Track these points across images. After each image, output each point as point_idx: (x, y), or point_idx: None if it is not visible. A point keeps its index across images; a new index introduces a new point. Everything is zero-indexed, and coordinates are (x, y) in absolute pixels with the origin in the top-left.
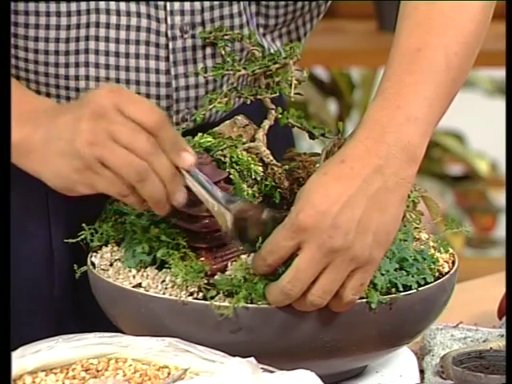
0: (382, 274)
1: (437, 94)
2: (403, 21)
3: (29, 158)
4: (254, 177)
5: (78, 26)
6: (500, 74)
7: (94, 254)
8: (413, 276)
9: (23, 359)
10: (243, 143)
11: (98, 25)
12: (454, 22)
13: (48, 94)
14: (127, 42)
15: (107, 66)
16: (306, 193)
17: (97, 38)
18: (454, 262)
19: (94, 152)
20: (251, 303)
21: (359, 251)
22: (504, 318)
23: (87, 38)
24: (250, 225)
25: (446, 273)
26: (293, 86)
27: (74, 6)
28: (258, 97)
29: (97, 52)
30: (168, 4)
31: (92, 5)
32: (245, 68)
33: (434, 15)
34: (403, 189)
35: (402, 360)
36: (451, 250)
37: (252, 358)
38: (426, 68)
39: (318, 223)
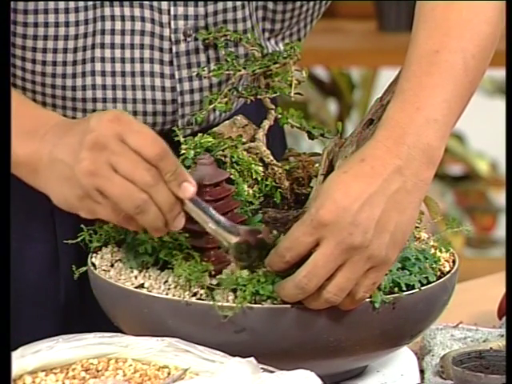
0: (385, 274)
1: (455, 97)
2: (421, 22)
3: (34, 176)
4: (254, 177)
5: (85, 35)
6: (500, 73)
7: (94, 254)
8: (415, 275)
9: (23, 359)
10: (243, 143)
11: (103, 32)
12: (472, 25)
13: (54, 105)
14: (132, 46)
15: (113, 73)
16: (326, 190)
17: (102, 46)
18: (454, 262)
19: (94, 182)
20: (255, 303)
21: (377, 251)
22: (504, 318)
23: (93, 47)
24: (253, 250)
25: (447, 272)
26: (293, 86)
27: (82, 16)
28: (258, 97)
29: (103, 60)
30: (172, 8)
31: (98, 13)
32: (245, 68)
33: (452, 17)
34: (421, 191)
35: (403, 359)
36: (452, 250)
37: (252, 358)
38: (444, 70)
39: (339, 219)
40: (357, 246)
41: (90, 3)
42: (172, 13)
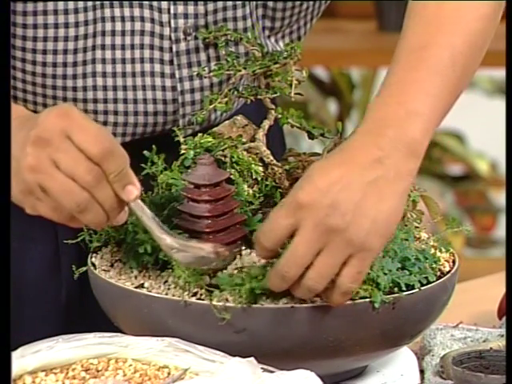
0: (385, 274)
1: (441, 92)
2: (411, 19)
3: None
4: (254, 177)
5: (86, 37)
6: (500, 73)
7: (94, 254)
8: (415, 275)
9: (23, 359)
10: (243, 143)
11: (104, 33)
12: (462, 21)
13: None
14: (132, 47)
15: (114, 74)
16: (307, 174)
17: (103, 47)
18: (454, 262)
19: (36, 178)
20: (255, 303)
21: (355, 235)
22: (504, 318)
23: (94, 48)
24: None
25: (447, 272)
26: (293, 86)
27: (81, 17)
28: (258, 97)
29: (104, 61)
30: (172, 7)
31: (98, 14)
32: (245, 68)
33: (442, 14)
34: (404, 182)
35: (403, 359)
36: (452, 250)
37: (252, 358)
38: (431, 65)
39: (317, 200)
40: (335, 227)
41: (90, 4)
42: (172, 11)
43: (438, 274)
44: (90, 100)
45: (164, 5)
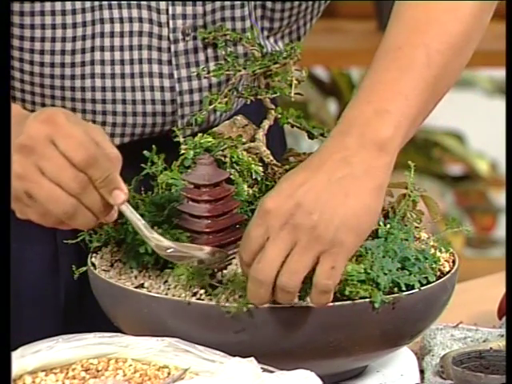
0: (385, 274)
1: (414, 90)
2: (393, 21)
3: None
4: (254, 177)
5: (84, 38)
6: (500, 74)
7: (94, 254)
8: (415, 275)
9: (23, 359)
10: (243, 143)
11: (102, 35)
12: (439, 22)
13: (53, 106)
14: (131, 48)
15: (113, 76)
16: (276, 184)
17: (102, 49)
18: (454, 262)
19: (22, 185)
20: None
21: (323, 231)
22: (504, 318)
23: (93, 49)
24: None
25: (447, 272)
26: (293, 86)
27: (79, 18)
28: (258, 97)
29: (102, 62)
30: (170, 8)
31: (97, 15)
32: (245, 68)
33: (421, 16)
34: (375, 178)
35: (403, 359)
36: (451, 250)
37: (252, 358)
38: (404, 65)
39: (281, 204)
40: (301, 226)
41: (88, 5)
42: (170, 12)
43: (438, 274)
44: (88, 100)
45: (162, 5)
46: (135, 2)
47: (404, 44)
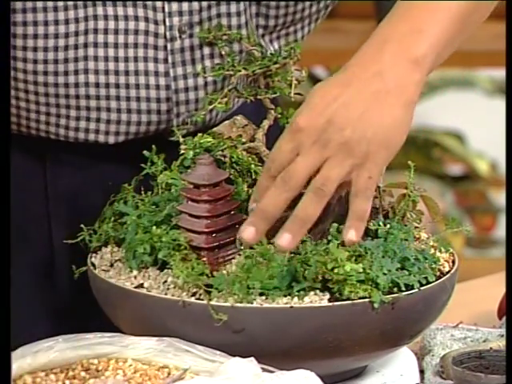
0: (384, 274)
1: (450, 15)
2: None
3: None
4: (254, 177)
5: (77, 34)
6: (500, 74)
7: (94, 254)
8: (414, 275)
9: (23, 359)
10: (243, 143)
11: (96, 31)
12: None
13: (47, 104)
14: (126, 45)
15: (106, 72)
16: (307, 99)
17: (95, 45)
18: (454, 262)
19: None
20: (252, 302)
21: (356, 146)
22: (504, 318)
23: (86, 45)
24: None
25: (447, 272)
26: (293, 86)
27: (71, 14)
28: (258, 97)
29: (96, 58)
30: (166, 5)
31: (90, 12)
32: (245, 68)
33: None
34: (407, 93)
35: (403, 359)
36: (451, 250)
37: (252, 358)
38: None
39: (313, 122)
40: (333, 141)
41: (80, 2)
42: (166, 10)
43: (438, 274)
44: (82, 96)
45: (158, 3)
46: (131, 1)
47: None
